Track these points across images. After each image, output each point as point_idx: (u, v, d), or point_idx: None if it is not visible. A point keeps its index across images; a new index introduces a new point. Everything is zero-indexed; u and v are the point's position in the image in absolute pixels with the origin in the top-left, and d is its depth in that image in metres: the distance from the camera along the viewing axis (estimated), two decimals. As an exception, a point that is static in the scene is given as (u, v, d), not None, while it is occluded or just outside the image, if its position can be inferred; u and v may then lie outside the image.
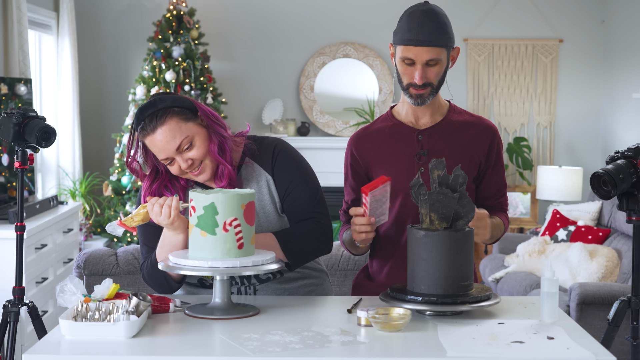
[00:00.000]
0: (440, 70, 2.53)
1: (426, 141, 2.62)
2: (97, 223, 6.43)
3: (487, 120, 2.70)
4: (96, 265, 3.26)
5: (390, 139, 2.65)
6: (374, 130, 2.70)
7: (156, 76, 6.33)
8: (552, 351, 1.98)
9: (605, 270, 4.92)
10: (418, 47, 2.48)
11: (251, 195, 2.27)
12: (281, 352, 1.95)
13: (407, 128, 2.64)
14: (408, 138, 2.63)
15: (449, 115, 2.66)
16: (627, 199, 2.70)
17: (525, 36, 7.22)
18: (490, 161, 2.66)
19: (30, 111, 2.94)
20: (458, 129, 2.64)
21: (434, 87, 2.55)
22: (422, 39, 2.47)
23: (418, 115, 2.64)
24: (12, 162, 4.67)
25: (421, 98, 2.55)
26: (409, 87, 2.55)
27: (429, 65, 2.51)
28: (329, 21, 7.21)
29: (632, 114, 6.49)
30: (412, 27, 2.48)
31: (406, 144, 2.63)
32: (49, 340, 2.05)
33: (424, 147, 2.62)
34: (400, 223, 2.63)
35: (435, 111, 2.65)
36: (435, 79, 2.54)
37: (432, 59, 2.50)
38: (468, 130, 2.65)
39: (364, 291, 2.71)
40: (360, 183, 2.67)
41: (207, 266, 2.19)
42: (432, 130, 2.63)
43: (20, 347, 4.16)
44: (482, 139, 2.65)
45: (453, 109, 2.69)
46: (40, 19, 6.14)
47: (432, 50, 2.48)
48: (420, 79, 2.51)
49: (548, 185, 6.64)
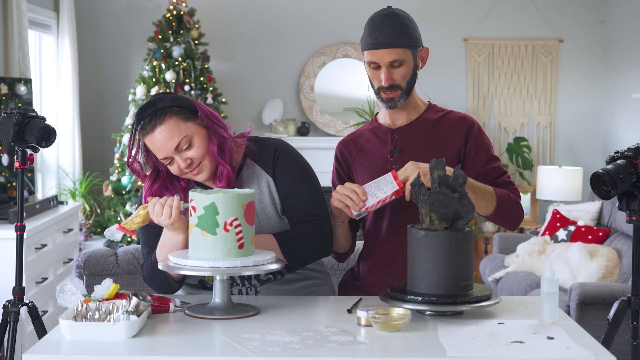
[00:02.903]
0: (406, 72, 2.56)
1: (400, 139, 2.66)
2: (97, 223, 6.43)
3: (461, 113, 2.71)
4: (96, 265, 3.25)
5: (369, 140, 2.72)
6: (357, 134, 2.78)
7: (156, 76, 6.33)
8: (552, 351, 1.98)
9: (605, 270, 4.92)
10: (379, 50, 2.53)
11: (251, 195, 2.28)
12: (281, 352, 1.95)
13: (383, 129, 2.70)
14: (383, 138, 2.69)
15: (425, 113, 2.69)
16: (627, 199, 2.70)
17: (525, 36, 7.22)
18: (470, 150, 2.64)
19: (30, 111, 2.94)
20: (432, 125, 2.67)
21: (403, 89, 2.58)
22: (381, 41, 2.52)
23: (394, 117, 2.69)
24: (12, 162, 4.67)
25: (392, 101, 2.59)
26: (379, 90, 2.59)
27: (394, 67, 2.55)
28: (329, 21, 7.21)
29: (632, 114, 6.49)
30: (373, 31, 2.54)
31: (381, 144, 2.68)
32: (49, 340, 2.05)
33: (397, 145, 2.65)
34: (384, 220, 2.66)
35: (411, 111, 2.68)
36: (403, 80, 2.57)
37: (395, 60, 2.53)
38: (442, 125, 2.67)
39: (348, 290, 2.74)
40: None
41: (208, 266, 2.19)
42: (406, 128, 2.67)
43: (20, 347, 4.16)
44: (456, 131, 2.65)
45: (431, 107, 2.72)
46: (40, 19, 6.14)
47: (393, 51, 2.52)
48: (386, 80, 2.55)
49: (548, 185, 6.64)
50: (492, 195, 2.56)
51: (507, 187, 2.66)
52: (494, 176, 2.66)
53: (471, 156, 2.65)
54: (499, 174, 2.67)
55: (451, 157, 2.63)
